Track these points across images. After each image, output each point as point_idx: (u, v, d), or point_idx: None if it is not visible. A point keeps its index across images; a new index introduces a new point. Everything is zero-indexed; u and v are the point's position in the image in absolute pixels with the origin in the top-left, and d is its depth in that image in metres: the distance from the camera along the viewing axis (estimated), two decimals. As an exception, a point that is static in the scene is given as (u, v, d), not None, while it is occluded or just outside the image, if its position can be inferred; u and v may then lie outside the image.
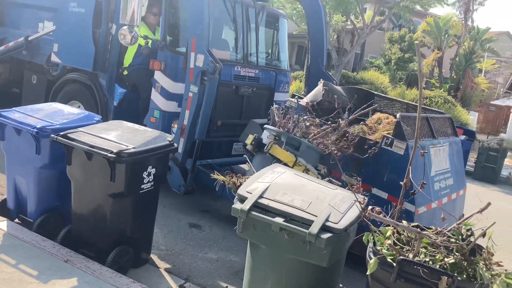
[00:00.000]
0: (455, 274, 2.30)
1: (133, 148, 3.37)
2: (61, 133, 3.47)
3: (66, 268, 3.24)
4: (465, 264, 2.37)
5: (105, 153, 3.24)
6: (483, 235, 2.44)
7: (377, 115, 5.02)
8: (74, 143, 3.39)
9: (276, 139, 4.19)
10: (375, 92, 5.99)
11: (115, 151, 3.26)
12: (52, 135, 3.45)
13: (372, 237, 2.64)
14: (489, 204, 2.51)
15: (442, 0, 16.04)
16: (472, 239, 2.46)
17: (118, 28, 5.25)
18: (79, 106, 5.91)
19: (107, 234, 3.48)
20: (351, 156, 4.47)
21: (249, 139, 4.42)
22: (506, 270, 2.32)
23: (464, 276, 2.35)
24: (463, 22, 22.90)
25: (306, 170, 4.05)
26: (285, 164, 3.82)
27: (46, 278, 3.08)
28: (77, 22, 5.89)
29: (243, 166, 5.89)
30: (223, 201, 5.37)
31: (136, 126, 3.86)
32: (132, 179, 3.41)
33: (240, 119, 5.80)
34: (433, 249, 2.49)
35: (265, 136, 4.37)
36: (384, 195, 4.33)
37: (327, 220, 2.69)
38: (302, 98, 5.45)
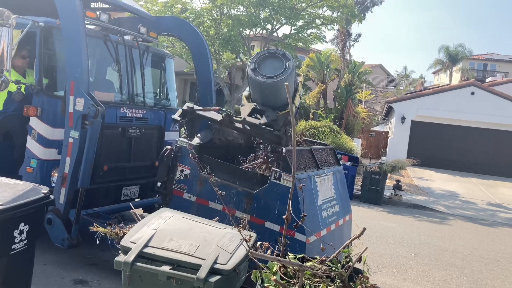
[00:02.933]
0: (338, 302, 2.40)
1: (1, 205, 3.05)
2: None
3: None
4: (346, 291, 2.49)
5: (-33, 213, 2.89)
6: (359, 259, 2.59)
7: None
8: None
9: None
10: (264, 126, 6.19)
11: (-22, 210, 2.92)
12: None
13: (259, 275, 2.67)
14: (364, 229, 2.68)
15: (321, 38, 17.39)
16: (350, 265, 2.60)
17: (-16, 72, 4.82)
18: None
19: (-28, 306, 3.07)
20: (243, 191, 4.54)
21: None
22: (381, 292, 2.47)
23: (346, 302, 2.47)
24: (341, 57, 25.11)
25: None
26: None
27: None
28: None
29: (135, 211, 5.65)
30: (113, 252, 5.06)
31: (5, 179, 3.51)
32: (0, 240, 3.07)
33: (130, 162, 5.60)
34: (317, 280, 2.58)
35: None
36: (276, 228, 4.43)
37: (215, 262, 2.68)
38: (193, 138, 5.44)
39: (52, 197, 3.52)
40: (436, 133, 21.80)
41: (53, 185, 4.75)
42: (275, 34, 17.25)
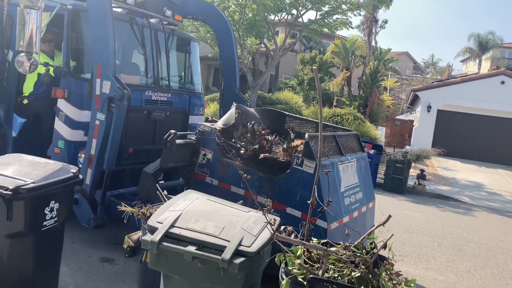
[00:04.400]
0: (361, 287, 2.39)
1: (33, 183, 3.13)
2: None
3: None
4: (370, 277, 2.47)
5: (0, 190, 2.98)
6: (384, 246, 2.57)
7: (299, 141, 5.12)
8: (-39, 181, 3.07)
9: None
10: (287, 113, 6.17)
11: (11, 187, 3.01)
12: None
13: (283, 258, 2.68)
14: (389, 216, 2.65)
15: (347, 24, 17.10)
16: (375, 251, 2.58)
17: (15, 55, 4.92)
18: (-28, 140, 5.41)
19: (4, 280, 3.17)
20: (264, 177, 4.55)
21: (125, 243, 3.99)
22: (406, 278, 2.45)
23: (370, 288, 2.46)
24: (367, 43, 24.68)
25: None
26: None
27: None
28: (-32, 49, 5.43)
29: (161, 192, 5.73)
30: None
31: (37, 159, 3.60)
32: (32, 216, 3.16)
33: (154, 145, 5.66)
34: (341, 265, 2.58)
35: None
36: (298, 213, 4.43)
37: (240, 244, 2.69)
38: (215, 122, 5.46)
39: (81, 176, 3.60)
40: (462, 123, 21.32)
41: (80, 166, 4.85)
42: (300, 19, 17.04)
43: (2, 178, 3.15)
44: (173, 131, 4.68)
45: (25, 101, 5.35)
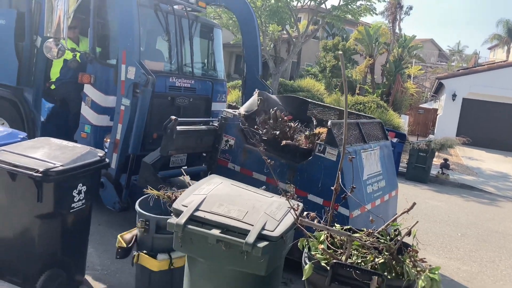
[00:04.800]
0: (385, 274, 2.40)
1: (61, 165, 3.22)
2: (-19, 153, 3.25)
3: (-10, 298, 3.03)
4: (393, 263, 2.47)
5: (31, 173, 3.08)
6: (409, 233, 2.56)
7: (321, 129, 5.10)
8: (-5, 163, 3.18)
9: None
10: (310, 100, 6.15)
11: (41, 169, 3.10)
12: (-30, 156, 3.23)
13: (306, 243, 2.70)
14: (414, 204, 2.63)
15: (370, 10, 16.80)
16: (399, 238, 2.58)
17: (43, 40, 5.03)
18: (3, 124, 5.58)
19: (35, 258, 3.29)
20: (286, 164, 4.56)
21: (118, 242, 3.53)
22: (430, 266, 2.44)
23: (393, 274, 2.46)
24: (391, 30, 24.21)
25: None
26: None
27: (-33, 311, 2.86)
28: (-3, 35, 5.58)
29: (181, 178, 5.81)
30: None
31: (65, 142, 3.69)
32: (61, 198, 3.26)
33: (178, 131, 5.71)
34: (364, 251, 2.58)
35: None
36: (319, 200, 4.44)
37: (263, 228, 2.71)
38: (238, 108, 5.49)
39: (107, 160, 3.68)
40: (489, 112, 20.80)
41: (105, 150, 4.95)
42: (323, 5, 16.81)
43: (33, 160, 3.24)
44: (173, 117, 4.52)
45: (53, 87, 5.47)
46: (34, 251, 3.27)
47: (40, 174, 3.06)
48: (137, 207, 3.46)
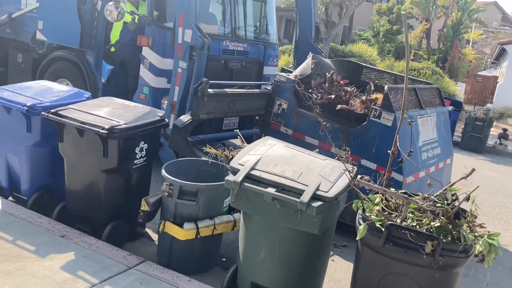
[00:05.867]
0: (440, 237, 2.40)
1: (125, 124, 3.39)
2: (52, 111, 3.47)
3: (63, 243, 3.30)
4: (450, 227, 2.47)
5: (97, 129, 3.27)
6: (467, 199, 2.54)
7: (377, 95, 5.00)
8: (65, 120, 3.40)
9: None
10: (364, 64, 6.02)
11: (107, 127, 3.28)
12: (43, 113, 3.46)
13: (361, 204, 2.73)
14: (473, 170, 2.59)
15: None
16: (456, 203, 2.55)
17: (103, 4, 5.18)
18: (67, 84, 5.87)
19: (101, 210, 3.53)
20: (340, 128, 4.54)
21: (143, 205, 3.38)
22: (488, 232, 2.42)
23: (449, 238, 2.45)
24: (451, -8, 22.83)
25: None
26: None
27: (44, 253, 3.14)
28: (61, -1, 5.80)
29: (234, 141, 5.94)
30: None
31: (127, 102, 3.87)
32: (124, 154, 3.45)
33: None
34: (420, 214, 2.59)
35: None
36: (372, 166, 4.42)
37: (317, 189, 2.76)
38: (291, 72, 5.47)
39: (166, 120, 3.83)
40: (555, 80, 19.45)
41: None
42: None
43: (98, 118, 3.44)
44: (204, 79, 4.47)
45: (112, 49, 5.67)
46: (100, 203, 3.51)
47: (106, 131, 3.24)
48: (163, 171, 3.36)
